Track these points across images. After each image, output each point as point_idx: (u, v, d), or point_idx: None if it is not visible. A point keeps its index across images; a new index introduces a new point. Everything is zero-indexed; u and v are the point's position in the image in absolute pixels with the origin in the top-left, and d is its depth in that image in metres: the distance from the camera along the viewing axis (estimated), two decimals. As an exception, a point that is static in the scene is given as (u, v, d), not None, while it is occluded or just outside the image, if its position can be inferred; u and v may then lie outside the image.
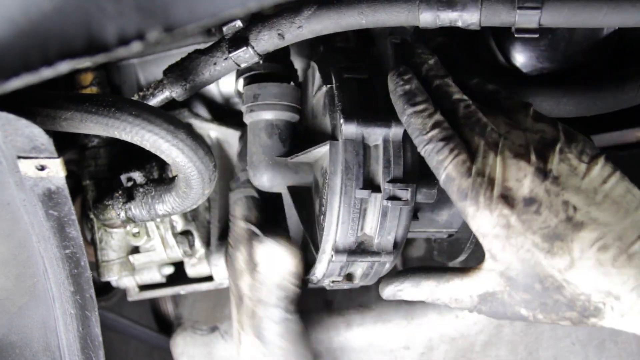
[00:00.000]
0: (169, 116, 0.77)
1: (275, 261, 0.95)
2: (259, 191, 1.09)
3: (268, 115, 0.97)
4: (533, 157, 0.71)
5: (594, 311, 0.69)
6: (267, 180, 0.96)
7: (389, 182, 0.84)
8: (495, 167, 0.71)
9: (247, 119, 0.99)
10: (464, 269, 0.78)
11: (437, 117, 0.75)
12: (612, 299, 0.67)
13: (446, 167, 0.73)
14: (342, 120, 0.83)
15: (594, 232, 0.67)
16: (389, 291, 0.83)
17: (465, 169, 0.72)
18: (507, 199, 0.70)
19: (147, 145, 0.77)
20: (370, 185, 0.84)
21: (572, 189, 0.70)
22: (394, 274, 0.84)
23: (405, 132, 0.84)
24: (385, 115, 0.85)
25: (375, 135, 0.84)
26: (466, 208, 0.72)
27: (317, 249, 0.91)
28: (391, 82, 0.81)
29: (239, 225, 1.03)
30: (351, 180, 0.83)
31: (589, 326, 0.71)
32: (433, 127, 0.75)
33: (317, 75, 0.94)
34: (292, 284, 0.95)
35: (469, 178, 0.71)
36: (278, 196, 1.04)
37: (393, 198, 0.84)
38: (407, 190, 0.84)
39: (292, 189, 0.97)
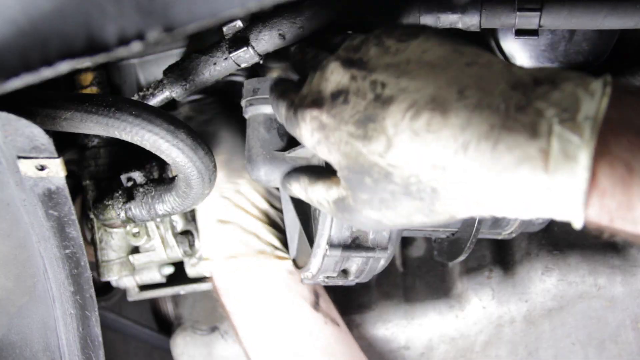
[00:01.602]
0: (169, 116, 0.77)
1: None
2: None
3: (267, 109, 0.97)
4: (341, 52, 0.68)
5: (434, 194, 0.59)
6: (265, 174, 0.96)
7: None
8: (310, 82, 0.70)
9: (246, 113, 0.99)
10: (332, 175, 0.72)
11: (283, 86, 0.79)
12: (440, 172, 0.57)
13: (279, 109, 0.75)
14: None
15: (404, 102, 0.58)
16: (282, 182, 0.85)
17: (290, 101, 0.73)
18: (316, 102, 0.67)
19: (147, 145, 0.77)
20: None
21: (382, 67, 0.62)
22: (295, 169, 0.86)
23: None
24: None
25: None
26: (295, 133, 0.71)
27: (312, 243, 0.91)
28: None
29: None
30: None
31: (445, 219, 0.62)
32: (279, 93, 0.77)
33: None
34: None
35: (291, 105, 0.71)
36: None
37: None
38: None
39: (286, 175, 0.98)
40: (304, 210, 0.98)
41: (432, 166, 0.57)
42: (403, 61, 0.61)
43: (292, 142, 0.97)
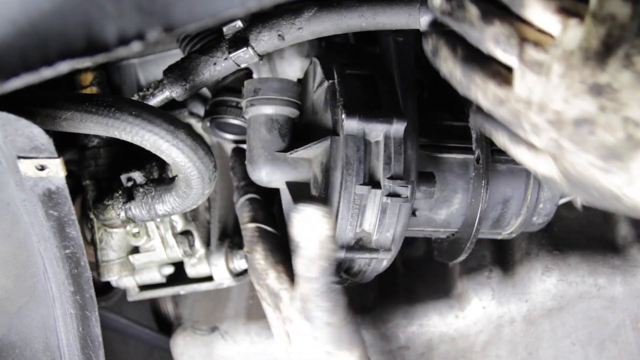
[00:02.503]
0: (169, 116, 0.77)
1: (314, 227, 0.82)
2: (259, 190, 1.08)
3: (268, 109, 0.97)
4: (585, 71, 0.61)
5: None
6: (266, 175, 0.96)
7: (389, 178, 0.84)
8: (535, 89, 0.64)
9: (247, 113, 0.99)
10: None
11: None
12: None
13: (478, 96, 0.70)
14: (343, 116, 0.83)
15: None
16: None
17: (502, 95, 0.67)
18: (555, 124, 0.64)
19: (147, 146, 0.77)
20: (370, 181, 0.84)
21: (636, 102, 0.59)
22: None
23: (406, 129, 0.85)
24: (387, 112, 0.85)
25: (377, 131, 0.84)
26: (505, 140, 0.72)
27: None
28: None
29: (248, 228, 1.02)
30: (351, 176, 0.83)
31: None
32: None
33: (319, 70, 0.94)
34: (331, 250, 0.85)
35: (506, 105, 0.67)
36: (276, 192, 1.05)
37: (393, 195, 0.84)
38: (407, 187, 0.84)
39: (290, 185, 0.97)
40: None
41: None
42: None
43: (293, 143, 0.97)
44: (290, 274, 0.95)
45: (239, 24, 0.90)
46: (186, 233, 1.19)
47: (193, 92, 0.96)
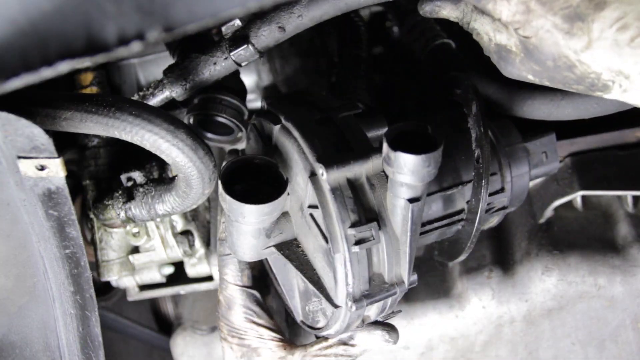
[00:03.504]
0: (169, 116, 0.77)
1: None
2: None
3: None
4: None
5: (602, 87, 0.70)
6: (251, 255, 0.86)
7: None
8: None
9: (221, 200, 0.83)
10: None
11: None
12: (622, 78, 0.68)
13: None
14: (322, 170, 0.76)
15: (616, 11, 0.66)
16: None
17: None
18: None
19: (147, 145, 0.77)
20: (369, 220, 0.77)
21: None
22: None
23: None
24: (361, 149, 0.79)
25: (359, 170, 0.78)
26: (488, 6, 0.75)
27: (326, 295, 0.82)
28: None
29: (232, 289, 0.96)
30: (348, 223, 0.76)
31: (593, 94, 0.73)
32: None
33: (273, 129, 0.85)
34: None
35: None
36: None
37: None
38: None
39: (280, 247, 0.86)
40: (302, 265, 0.85)
41: (618, 72, 0.67)
42: None
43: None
44: (273, 334, 0.95)
45: (237, 22, 0.90)
46: (186, 233, 1.19)
47: (193, 91, 0.96)
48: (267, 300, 1.00)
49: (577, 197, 1.21)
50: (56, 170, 0.74)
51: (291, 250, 0.86)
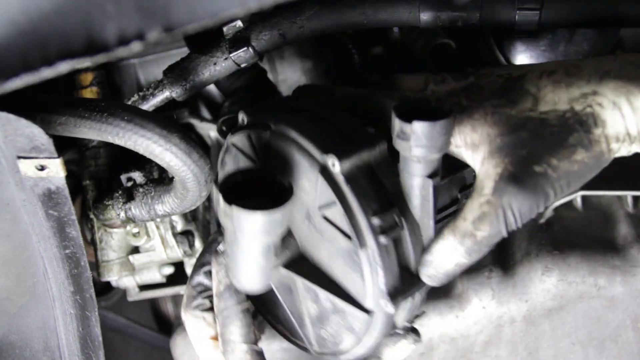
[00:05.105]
0: (162, 120, 0.77)
1: None
2: None
3: None
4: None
5: (589, 118, 0.66)
6: (260, 281, 0.76)
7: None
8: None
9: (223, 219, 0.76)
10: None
11: None
12: (592, 97, 0.66)
13: None
14: (334, 161, 0.71)
15: (536, 70, 0.71)
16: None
17: None
18: (451, 93, 0.75)
19: (141, 150, 0.77)
20: (389, 207, 0.72)
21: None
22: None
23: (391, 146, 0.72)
24: (363, 137, 0.75)
25: (368, 157, 0.74)
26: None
27: (353, 302, 0.75)
28: None
29: (240, 349, 0.86)
30: (370, 213, 0.71)
31: (603, 151, 0.66)
32: None
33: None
34: None
35: None
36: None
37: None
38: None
39: (289, 266, 0.80)
40: (319, 275, 0.78)
41: (582, 95, 0.66)
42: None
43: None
44: None
45: (239, 23, 0.90)
46: (186, 233, 1.19)
47: (193, 92, 0.96)
48: None
49: (577, 197, 1.21)
50: (56, 170, 0.74)
51: (301, 266, 0.79)
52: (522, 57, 1.00)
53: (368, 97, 0.84)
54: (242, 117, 0.83)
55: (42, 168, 0.73)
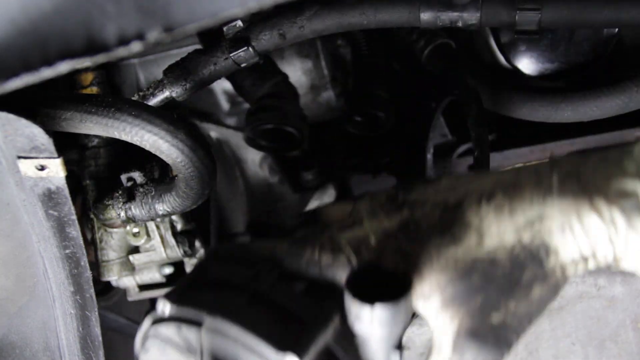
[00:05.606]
0: (168, 116, 0.77)
1: None
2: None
3: None
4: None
5: (540, 249, 0.60)
6: None
7: None
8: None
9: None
10: None
11: None
12: (539, 224, 0.59)
13: None
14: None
15: (474, 194, 0.62)
16: None
17: None
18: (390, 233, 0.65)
19: (147, 146, 0.77)
20: None
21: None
22: None
23: None
24: (313, 316, 0.62)
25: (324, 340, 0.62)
26: None
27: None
28: None
29: None
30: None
31: (557, 272, 0.61)
32: None
33: None
34: None
35: None
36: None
37: None
38: None
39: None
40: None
41: (528, 222, 0.59)
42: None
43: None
44: None
45: (239, 23, 0.90)
46: (186, 233, 1.19)
47: (193, 91, 0.96)
48: None
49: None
50: (56, 170, 0.74)
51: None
52: (523, 57, 1.00)
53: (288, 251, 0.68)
54: (163, 305, 0.64)
55: (42, 168, 0.73)
